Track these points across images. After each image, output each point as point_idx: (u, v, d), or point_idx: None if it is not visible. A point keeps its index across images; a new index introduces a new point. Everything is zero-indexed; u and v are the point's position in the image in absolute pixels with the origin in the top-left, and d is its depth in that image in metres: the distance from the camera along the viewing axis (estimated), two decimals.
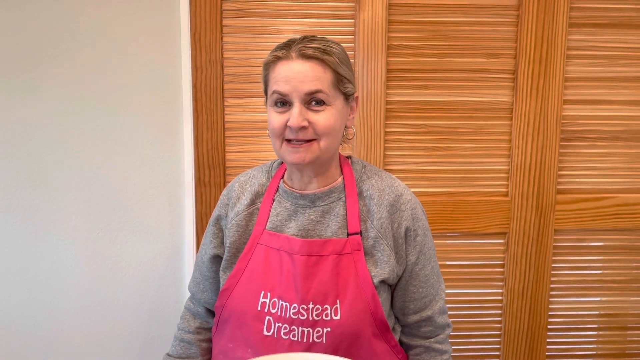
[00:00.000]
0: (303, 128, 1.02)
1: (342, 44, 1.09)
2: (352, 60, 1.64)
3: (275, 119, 1.04)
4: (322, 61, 1.02)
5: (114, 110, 1.61)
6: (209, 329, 1.24)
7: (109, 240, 1.66)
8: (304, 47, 1.02)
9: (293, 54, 1.02)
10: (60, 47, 1.58)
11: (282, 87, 1.02)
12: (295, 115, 1.01)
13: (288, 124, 1.02)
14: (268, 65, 1.06)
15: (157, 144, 1.64)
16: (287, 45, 1.04)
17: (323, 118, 1.03)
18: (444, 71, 1.68)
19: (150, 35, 1.60)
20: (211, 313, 1.24)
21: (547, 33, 1.66)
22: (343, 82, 1.06)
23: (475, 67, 1.68)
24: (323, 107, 1.03)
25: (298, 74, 1.01)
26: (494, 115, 1.70)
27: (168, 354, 1.24)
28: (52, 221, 1.64)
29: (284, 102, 1.03)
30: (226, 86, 1.66)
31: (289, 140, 1.04)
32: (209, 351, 1.23)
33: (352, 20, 1.65)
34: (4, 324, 1.66)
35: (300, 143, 1.03)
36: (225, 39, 1.64)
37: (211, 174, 1.68)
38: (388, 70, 1.66)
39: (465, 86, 1.68)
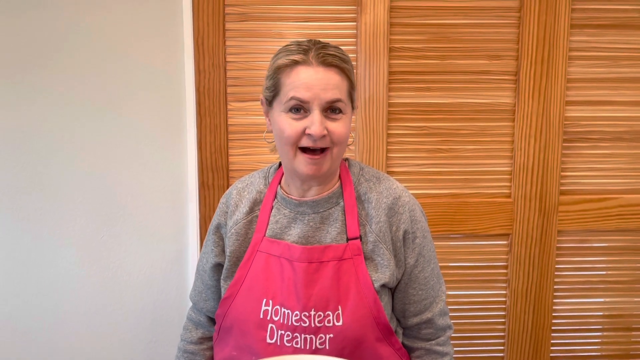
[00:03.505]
0: (322, 136, 1.01)
1: (343, 47, 1.09)
2: (354, 63, 1.64)
3: (291, 126, 1.02)
4: (341, 69, 1.02)
5: (118, 113, 1.62)
6: (212, 338, 1.24)
7: (113, 244, 1.67)
8: (325, 53, 1.01)
9: (313, 60, 1.00)
10: (65, 51, 1.59)
11: (303, 94, 1.00)
12: (317, 123, 0.99)
13: (309, 131, 1.00)
14: (282, 69, 1.03)
15: (160, 147, 1.65)
16: (304, 50, 1.02)
17: (340, 127, 1.02)
18: (446, 73, 1.68)
19: (154, 39, 1.61)
20: (214, 322, 1.23)
21: (549, 34, 1.66)
22: (354, 91, 1.07)
23: (477, 69, 1.68)
24: (340, 115, 1.03)
25: (320, 82, 0.99)
26: (496, 116, 1.70)
27: None
28: (55, 225, 1.65)
29: (299, 109, 1.02)
30: (229, 89, 1.66)
31: (303, 150, 1.03)
32: None
33: (354, 23, 1.65)
34: (8, 327, 1.67)
35: (317, 154, 1.02)
36: (228, 43, 1.65)
37: (215, 177, 1.69)
38: (390, 73, 1.67)
39: (467, 88, 1.68)
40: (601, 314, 1.80)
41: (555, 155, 1.71)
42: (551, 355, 1.81)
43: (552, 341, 1.80)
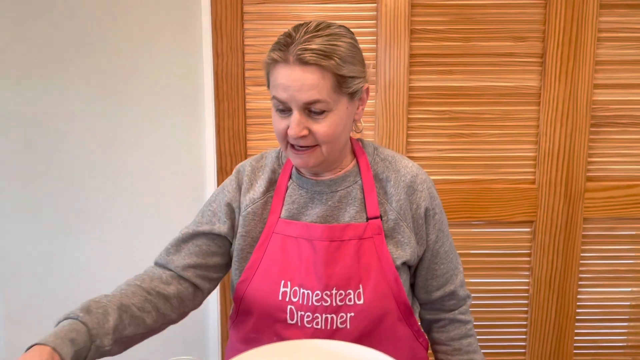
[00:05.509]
0: (303, 136, 0.99)
1: (363, 30, 1.04)
2: (374, 46, 1.62)
3: (278, 123, 1.01)
4: (322, 67, 0.96)
5: (136, 99, 1.62)
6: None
7: (132, 229, 1.67)
8: (303, 49, 0.95)
9: (291, 57, 0.95)
10: (82, 39, 1.59)
11: (281, 95, 0.97)
12: (294, 125, 0.97)
13: (288, 132, 0.99)
14: (267, 66, 1.01)
15: (179, 132, 1.64)
16: (286, 44, 0.97)
17: (324, 126, 0.99)
18: (469, 55, 1.64)
19: (171, 23, 1.60)
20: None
21: (577, 14, 1.61)
22: (347, 83, 0.99)
23: (502, 51, 1.64)
24: (324, 114, 0.98)
25: (295, 82, 0.95)
26: (521, 100, 1.66)
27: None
28: (75, 211, 1.66)
29: (283, 108, 0.99)
30: (247, 73, 1.65)
31: (292, 144, 1.02)
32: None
33: (374, 5, 1.61)
34: (27, 315, 1.69)
35: (303, 149, 1.01)
36: (246, 26, 1.63)
37: (233, 162, 1.68)
38: (411, 56, 1.63)
39: (491, 71, 1.65)
40: (628, 304, 1.76)
41: (582, 140, 1.67)
42: (575, 344, 1.78)
43: (575, 331, 1.77)
